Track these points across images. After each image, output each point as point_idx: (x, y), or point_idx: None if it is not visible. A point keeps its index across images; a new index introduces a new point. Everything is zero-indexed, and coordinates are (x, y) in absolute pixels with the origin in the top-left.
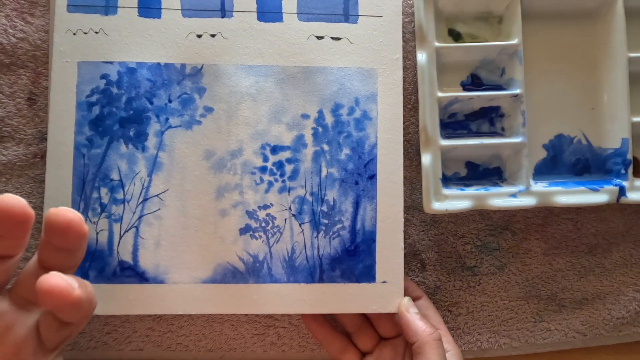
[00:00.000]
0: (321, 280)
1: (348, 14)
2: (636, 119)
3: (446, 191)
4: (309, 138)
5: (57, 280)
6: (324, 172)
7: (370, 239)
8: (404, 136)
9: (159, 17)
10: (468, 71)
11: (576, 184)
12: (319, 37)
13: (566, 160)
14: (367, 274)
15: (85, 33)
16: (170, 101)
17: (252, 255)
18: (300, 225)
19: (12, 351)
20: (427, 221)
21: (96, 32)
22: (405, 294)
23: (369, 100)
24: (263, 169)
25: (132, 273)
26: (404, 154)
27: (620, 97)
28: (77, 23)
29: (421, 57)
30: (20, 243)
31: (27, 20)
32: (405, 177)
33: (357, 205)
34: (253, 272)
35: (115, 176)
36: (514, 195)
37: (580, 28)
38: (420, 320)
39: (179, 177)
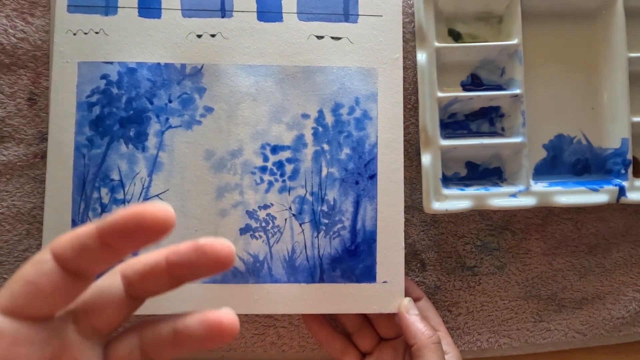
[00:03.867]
0: (321, 280)
1: (348, 14)
2: (636, 119)
3: (446, 191)
4: (309, 138)
5: (232, 318)
6: (324, 172)
7: (370, 239)
8: (404, 136)
9: (159, 17)
10: (468, 71)
11: (576, 184)
12: (319, 37)
13: (566, 160)
14: (368, 274)
15: (86, 33)
16: (170, 101)
17: (253, 255)
18: (300, 225)
19: None
20: (427, 221)
21: (96, 33)
22: (406, 294)
23: (369, 100)
24: (263, 169)
25: None
26: (404, 153)
27: (620, 97)
28: (78, 23)
29: (421, 57)
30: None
31: (28, 21)
32: (405, 177)
33: (357, 205)
34: (253, 272)
35: (115, 176)
36: (514, 195)
37: (580, 28)
38: (420, 323)
39: (179, 177)
